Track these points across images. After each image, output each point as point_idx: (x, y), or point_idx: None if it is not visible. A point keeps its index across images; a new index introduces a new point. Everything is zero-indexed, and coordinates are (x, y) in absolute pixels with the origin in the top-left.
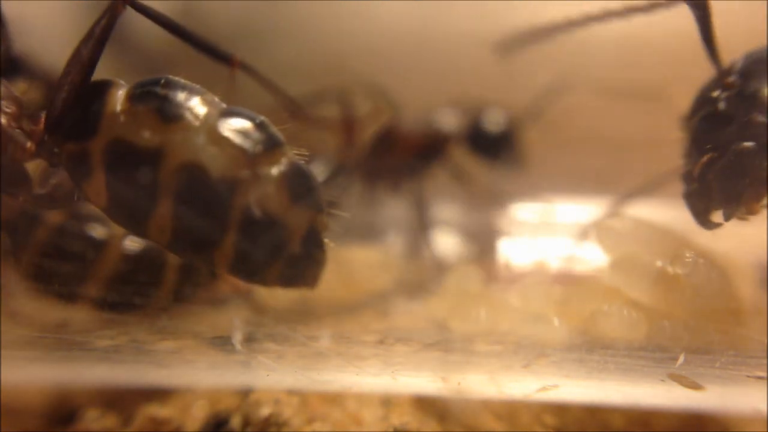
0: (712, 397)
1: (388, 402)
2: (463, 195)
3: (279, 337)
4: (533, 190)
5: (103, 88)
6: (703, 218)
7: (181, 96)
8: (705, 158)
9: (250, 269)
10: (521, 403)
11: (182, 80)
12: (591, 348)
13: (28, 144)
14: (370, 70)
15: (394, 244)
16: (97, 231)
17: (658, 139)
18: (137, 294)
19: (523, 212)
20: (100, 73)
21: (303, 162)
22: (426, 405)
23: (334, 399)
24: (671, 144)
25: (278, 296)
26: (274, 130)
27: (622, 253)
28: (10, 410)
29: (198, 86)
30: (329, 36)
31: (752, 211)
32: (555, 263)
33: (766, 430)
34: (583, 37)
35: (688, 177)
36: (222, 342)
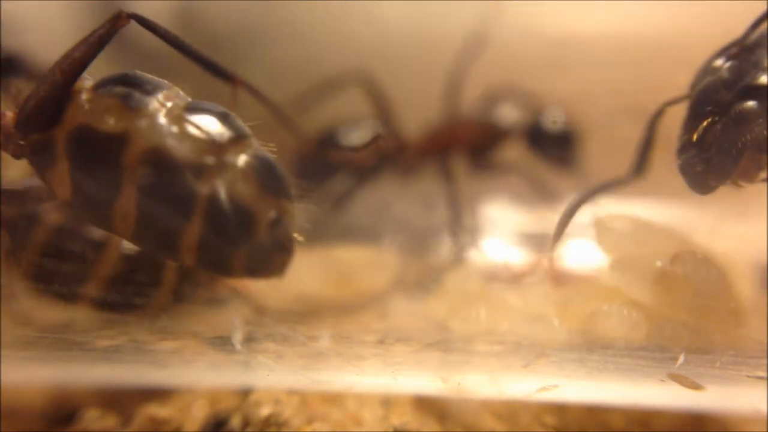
0: (712, 397)
1: (388, 402)
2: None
3: (279, 337)
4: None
5: None
6: (699, 181)
7: (146, 87)
8: (705, 123)
9: (216, 258)
10: (521, 403)
11: (148, 74)
12: (591, 348)
13: None
14: (370, 70)
15: (395, 243)
16: (97, 231)
17: (658, 138)
18: (137, 294)
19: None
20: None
21: (270, 154)
22: (426, 405)
23: (334, 399)
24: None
25: (278, 296)
26: (241, 122)
27: (622, 253)
28: (10, 410)
29: (164, 80)
30: (329, 36)
31: (749, 178)
32: (555, 263)
33: (766, 430)
34: (583, 36)
35: (686, 146)
36: (222, 342)
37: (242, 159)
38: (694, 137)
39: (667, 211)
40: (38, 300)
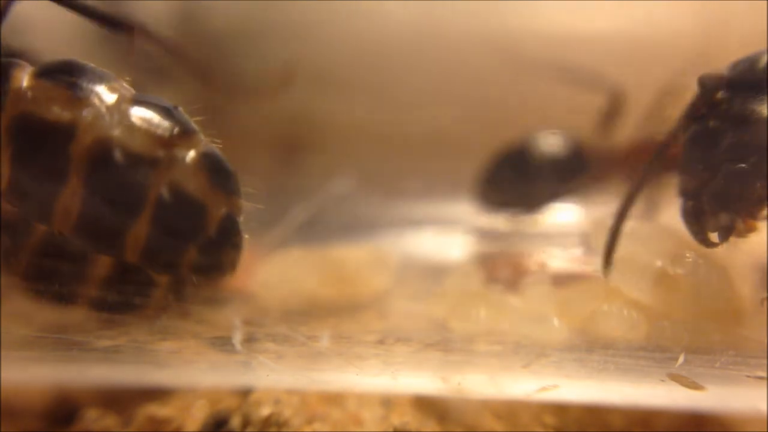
0: (712, 397)
1: (388, 402)
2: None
3: (279, 337)
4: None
5: (6, 67)
6: (701, 237)
7: (91, 76)
8: (698, 178)
9: (165, 255)
10: (521, 403)
11: (91, 63)
12: (591, 348)
13: None
14: (370, 70)
15: (395, 243)
16: None
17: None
18: (137, 294)
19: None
20: None
21: (218, 150)
22: (426, 405)
23: (334, 399)
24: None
25: (278, 296)
26: (187, 117)
27: (622, 253)
28: (10, 410)
29: (108, 71)
30: (329, 35)
31: (750, 229)
32: (555, 263)
33: (766, 430)
34: (584, 36)
35: (683, 194)
36: (222, 342)
37: (192, 154)
38: (689, 191)
39: (668, 212)
40: (37, 300)
